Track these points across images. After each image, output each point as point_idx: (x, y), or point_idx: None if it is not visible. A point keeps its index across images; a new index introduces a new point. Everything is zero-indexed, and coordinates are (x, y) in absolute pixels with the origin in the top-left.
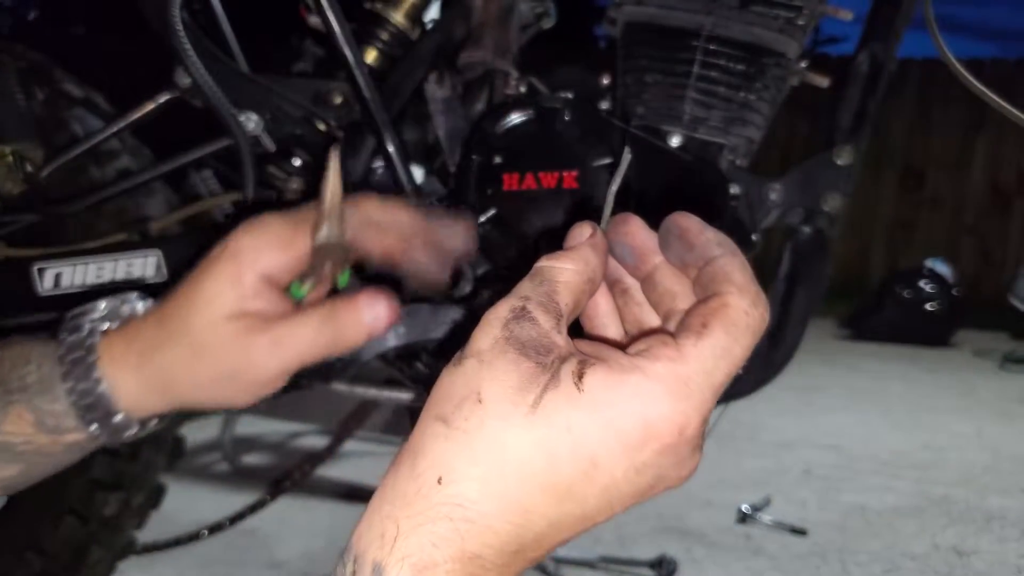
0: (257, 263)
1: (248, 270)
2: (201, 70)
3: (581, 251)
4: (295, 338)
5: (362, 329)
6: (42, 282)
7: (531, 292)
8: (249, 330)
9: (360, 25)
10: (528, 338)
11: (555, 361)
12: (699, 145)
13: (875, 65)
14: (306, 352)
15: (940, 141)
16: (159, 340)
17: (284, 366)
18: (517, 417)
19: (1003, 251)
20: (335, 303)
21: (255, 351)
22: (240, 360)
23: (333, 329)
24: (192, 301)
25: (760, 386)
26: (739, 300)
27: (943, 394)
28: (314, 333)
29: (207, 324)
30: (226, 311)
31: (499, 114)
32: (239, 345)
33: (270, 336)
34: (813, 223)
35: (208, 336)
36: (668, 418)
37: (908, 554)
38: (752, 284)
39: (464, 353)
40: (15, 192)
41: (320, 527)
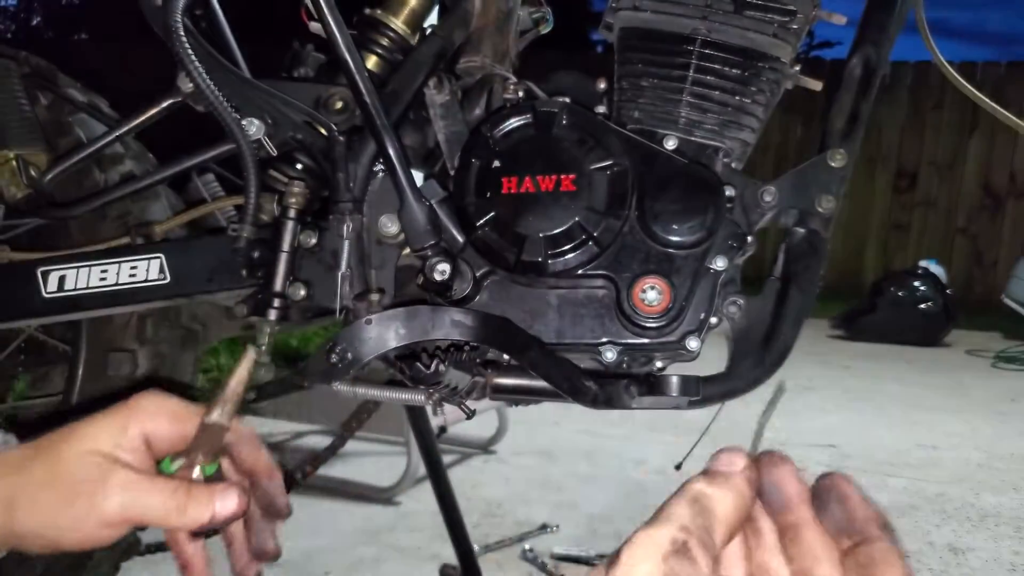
0: (145, 424)
1: (135, 425)
2: (203, 75)
3: (738, 482)
4: (146, 490)
5: (207, 510)
6: (46, 285)
7: (691, 523)
8: (109, 468)
9: (360, 31)
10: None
11: None
12: (695, 148)
13: (868, 69)
14: (152, 507)
15: (933, 143)
16: (21, 462)
17: (127, 512)
18: None
19: (995, 252)
20: (194, 481)
21: (106, 486)
22: (89, 491)
23: (183, 499)
24: (71, 434)
25: (755, 386)
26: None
27: (937, 393)
28: (166, 495)
29: (74, 454)
30: (97, 447)
31: (497, 119)
32: (94, 476)
33: (125, 478)
34: (807, 225)
35: (71, 464)
36: None
37: (903, 551)
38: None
39: (618, 573)
40: (19, 196)
41: (323, 526)
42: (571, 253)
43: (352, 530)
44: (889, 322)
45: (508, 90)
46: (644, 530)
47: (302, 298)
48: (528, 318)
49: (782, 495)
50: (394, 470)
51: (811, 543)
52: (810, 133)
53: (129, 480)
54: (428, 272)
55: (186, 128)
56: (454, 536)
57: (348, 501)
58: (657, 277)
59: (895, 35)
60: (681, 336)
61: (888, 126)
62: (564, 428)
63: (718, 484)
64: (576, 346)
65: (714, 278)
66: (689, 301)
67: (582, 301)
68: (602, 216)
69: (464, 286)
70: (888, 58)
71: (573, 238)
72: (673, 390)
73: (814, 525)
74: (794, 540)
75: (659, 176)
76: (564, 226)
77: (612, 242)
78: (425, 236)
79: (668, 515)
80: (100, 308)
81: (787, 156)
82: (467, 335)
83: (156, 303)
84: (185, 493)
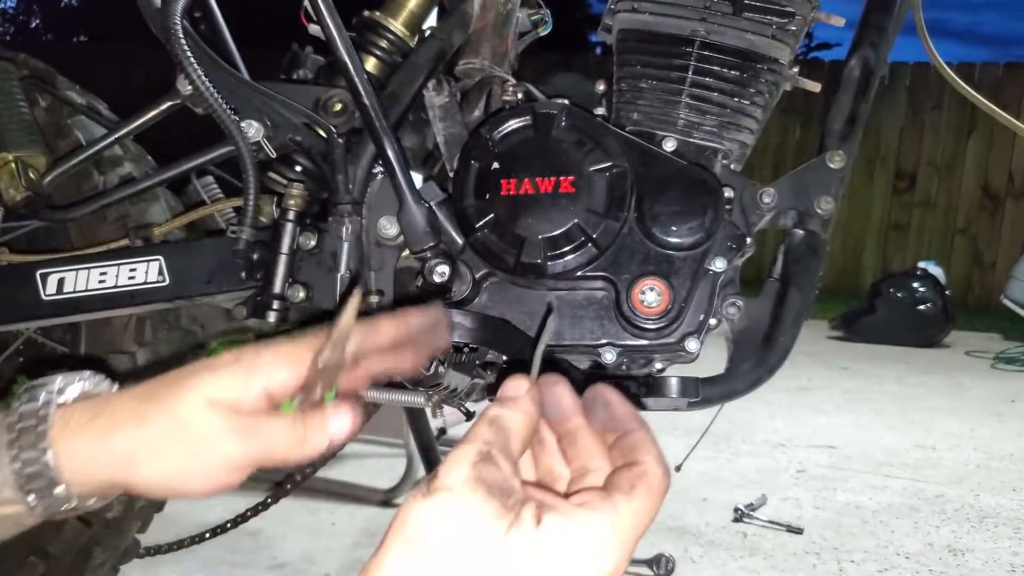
0: (267, 378)
1: (257, 380)
2: (202, 77)
3: (525, 403)
4: (267, 431)
5: (325, 435)
6: (45, 287)
7: (492, 438)
8: (227, 417)
9: (359, 33)
10: (493, 480)
11: (516, 504)
12: (693, 150)
13: (867, 70)
14: (274, 446)
15: (931, 144)
16: (134, 417)
17: (250, 455)
18: (484, 550)
19: (994, 252)
20: (308, 412)
21: (228, 435)
22: (216, 441)
23: (302, 432)
24: (188, 384)
25: (754, 387)
26: (655, 468)
27: (936, 394)
28: (284, 431)
29: (195, 405)
30: (218, 399)
31: (497, 120)
32: (218, 427)
33: (244, 424)
34: (806, 226)
35: (193, 416)
36: (606, 564)
37: (903, 552)
38: (662, 456)
39: (435, 486)
40: (19, 198)
41: (322, 528)
42: (570, 255)
43: (352, 532)
44: (888, 323)
45: (507, 92)
46: (454, 451)
47: (301, 300)
48: (527, 320)
49: (560, 408)
50: (394, 472)
51: (585, 443)
52: (809, 134)
53: (248, 426)
54: (427, 274)
55: (185, 130)
56: None
57: (348, 503)
58: (656, 279)
59: (893, 36)
60: (680, 337)
61: (887, 127)
62: None
63: (509, 406)
64: (575, 347)
65: (713, 279)
66: (688, 302)
67: (581, 303)
68: (601, 218)
69: (463, 288)
70: (886, 59)
71: (572, 240)
72: (672, 391)
73: (586, 428)
74: (571, 443)
75: (658, 178)
76: (563, 228)
77: (611, 244)
78: (424, 238)
79: (472, 436)
80: (99, 310)
81: (786, 157)
82: (466, 337)
83: (155, 305)
84: (302, 425)
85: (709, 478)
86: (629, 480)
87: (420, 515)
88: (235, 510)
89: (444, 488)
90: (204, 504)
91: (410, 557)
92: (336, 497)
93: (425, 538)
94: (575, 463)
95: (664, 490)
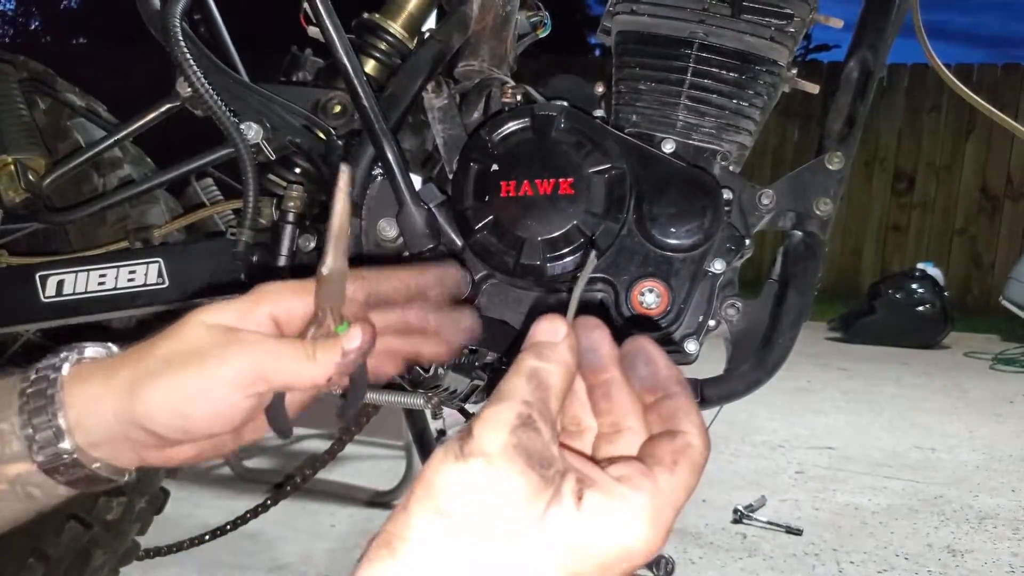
0: (273, 304)
1: (262, 306)
2: (201, 79)
3: (564, 353)
4: (273, 344)
5: (335, 350)
6: (45, 289)
7: (531, 397)
8: (229, 333)
9: (358, 35)
10: (534, 449)
11: (555, 476)
12: (692, 151)
13: (865, 71)
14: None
15: (930, 145)
16: (137, 350)
17: (256, 369)
18: (523, 528)
19: (993, 254)
20: None
21: (234, 347)
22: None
23: (311, 347)
24: (192, 315)
25: (754, 388)
26: (698, 441)
27: (935, 395)
28: (292, 347)
29: (198, 327)
30: (222, 322)
31: (496, 122)
32: (221, 342)
33: (248, 338)
34: (805, 227)
35: (195, 335)
36: (644, 545)
37: (902, 553)
38: (704, 426)
39: (470, 449)
40: (18, 201)
41: (322, 530)
42: (570, 256)
43: (352, 533)
44: (887, 324)
45: (506, 94)
46: (491, 407)
47: None
48: (527, 321)
49: (597, 357)
50: (394, 474)
51: (621, 399)
52: (807, 136)
53: (257, 339)
54: None
55: (184, 132)
56: None
57: (348, 505)
58: (655, 280)
59: (892, 38)
60: (680, 339)
61: (885, 128)
62: None
63: (547, 358)
64: None
65: (712, 281)
66: (687, 304)
67: (580, 304)
68: (600, 219)
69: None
70: (885, 61)
71: (571, 241)
72: None
73: (623, 383)
74: (605, 396)
75: (657, 179)
76: (562, 229)
77: (610, 245)
78: (424, 240)
79: (510, 392)
80: (99, 312)
81: (784, 159)
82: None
83: (155, 307)
84: (311, 343)
85: (708, 479)
86: (671, 453)
87: (452, 481)
88: (234, 512)
89: (481, 453)
90: (204, 506)
91: (441, 528)
92: (336, 499)
93: (458, 509)
94: (606, 418)
95: (704, 462)
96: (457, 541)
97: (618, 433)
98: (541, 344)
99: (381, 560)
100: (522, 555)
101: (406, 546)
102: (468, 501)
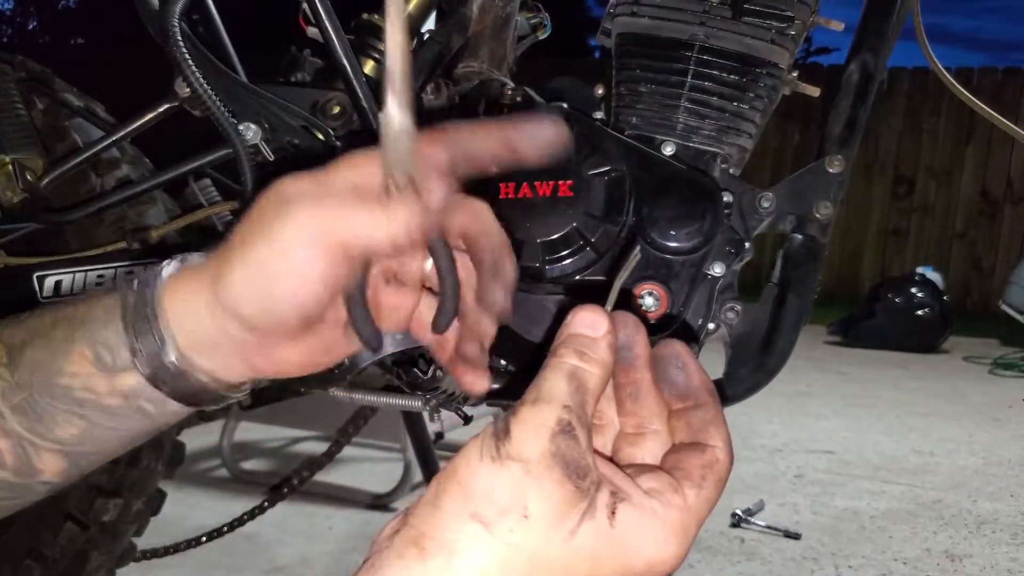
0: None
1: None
2: (200, 80)
3: (603, 352)
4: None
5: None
6: (42, 290)
7: (571, 401)
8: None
9: (358, 36)
10: (571, 458)
11: (591, 487)
12: (692, 154)
13: (866, 75)
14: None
15: (930, 149)
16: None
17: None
18: (556, 540)
19: (993, 258)
20: None
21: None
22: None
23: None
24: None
25: (752, 392)
26: (725, 456)
27: (934, 400)
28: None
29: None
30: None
31: None
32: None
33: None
34: (805, 231)
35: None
36: (670, 560)
37: (900, 558)
38: (730, 439)
39: (507, 452)
40: (15, 201)
41: (319, 532)
42: (569, 259)
43: (349, 536)
44: (886, 328)
45: (506, 96)
46: (530, 407)
47: None
48: (526, 324)
49: (631, 356)
50: (391, 476)
51: (648, 401)
52: (808, 139)
53: (324, 193)
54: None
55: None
56: None
57: (345, 507)
58: (654, 283)
59: (893, 41)
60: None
61: (886, 132)
62: None
63: (588, 359)
64: None
65: (712, 284)
66: (687, 307)
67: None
68: (600, 222)
69: None
70: (886, 64)
71: (571, 244)
72: None
73: (652, 385)
74: (634, 396)
75: (657, 182)
76: (561, 232)
77: (610, 248)
78: None
79: (550, 393)
80: None
81: (785, 162)
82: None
83: None
84: (385, 199)
85: None
86: (700, 468)
87: (489, 484)
88: (231, 514)
89: (519, 459)
90: (201, 507)
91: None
92: (333, 501)
93: (493, 514)
94: (632, 418)
95: (727, 477)
96: (491, 547)
97: (641, 435)
98: (581, 338)
99: (412, 559)
100: (554, 564)
101: (437, 547)
102: (504, 508)
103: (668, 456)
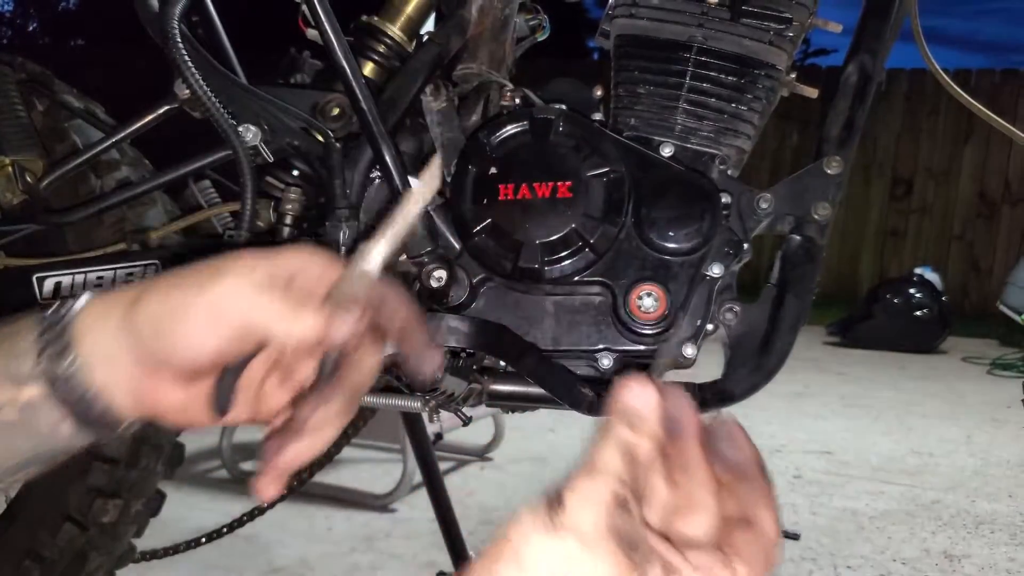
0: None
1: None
2: (200, 81)
3: (654, 426)
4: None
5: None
6: (41, 291)
7: (625, 474)
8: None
9: (357, 38)
10: (625, 531)
11: (642, 560)
12: (691, 155)
13: (864, 76)
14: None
15: (928, 150)
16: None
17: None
18: None
19: (991, 259)
20: None
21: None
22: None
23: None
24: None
25: (751, 392)
26: (772, 531)
27: (932, 400)
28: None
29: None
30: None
31: (494, 125)
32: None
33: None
34: (803, 232)
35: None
36: None
37: (899, 558)
38: (778, 514)
39: (562, 522)
40: (15, 202)
41: (318, 533)
42: (568, 260)
43: (348, 537)
44: (885, 329)
45: (505, 97)
46: (585, 479)
47: None
48: (525, 325)
49: (681, 427)
50: (390, 477)
51: (699, 475)
52: (806, 140)
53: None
54: (424, 279)
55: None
56: (450, 543)
57: (344, 508)
58: (653, 284)
59: (891, 43)
60: (678, 343)
61: (884, 133)
62: (560, 435)
63: (639, 431)
64: (572, 353)
65: (710, 285)
66: (685, 308)
67: (579, 308)
68: (598, 223)
69: (460, 293)
70: (884, 66)
71: (570, 245)
72: None
73: (703, 459)
74: (682, 467)
75: (655, 183)
76: (561, 233)
77: (608, 249)
78: (421, 243)
79: (605, 465)
80: None
81: (783, 163)
82: (464, 342)
83: None
84: (303, 306)
85: None
86: (750, 546)
87: (543, 554)
88: (230, 515)
89: (574, 530)
90: (200, 509)
91: None
92: (332, 502)
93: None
94: (680, 491)
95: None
96: None
97: (692, 508)
98: (632, 413)
99: None
100: None
101: None
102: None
103: (717, 531)
